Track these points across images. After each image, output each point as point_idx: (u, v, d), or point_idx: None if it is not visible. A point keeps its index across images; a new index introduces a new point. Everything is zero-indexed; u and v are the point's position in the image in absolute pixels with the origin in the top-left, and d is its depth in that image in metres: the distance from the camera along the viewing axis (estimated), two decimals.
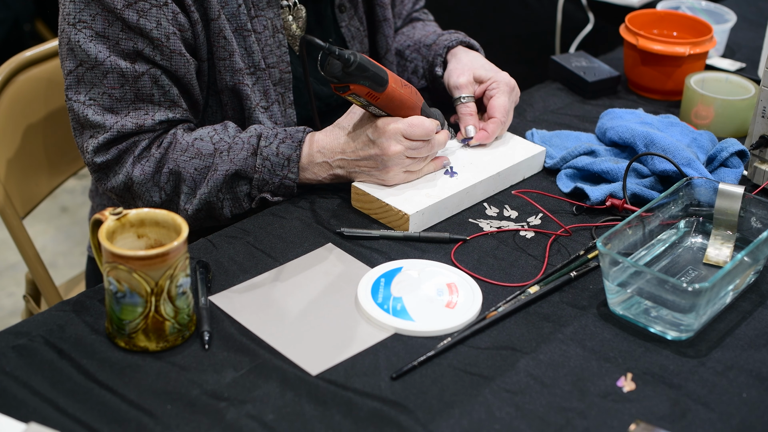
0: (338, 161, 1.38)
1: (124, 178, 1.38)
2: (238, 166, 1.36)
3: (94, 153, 1.37)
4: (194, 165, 1.37)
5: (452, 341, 1.15)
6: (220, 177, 1.37)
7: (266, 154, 1.37)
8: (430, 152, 1.39)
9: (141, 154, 1.38)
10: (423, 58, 1.64)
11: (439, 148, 1.41)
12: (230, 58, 1.40)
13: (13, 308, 2.70)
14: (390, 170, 1.36)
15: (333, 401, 1.07)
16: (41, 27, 3.58)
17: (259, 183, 1.37)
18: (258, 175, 1.37)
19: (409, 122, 1.35)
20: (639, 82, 1.78)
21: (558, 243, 1.35)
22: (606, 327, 1.19)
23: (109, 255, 1.08)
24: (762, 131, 1.47)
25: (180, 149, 1.38)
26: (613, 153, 1.53)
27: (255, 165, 1.37)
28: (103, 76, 1.34)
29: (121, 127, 1.36)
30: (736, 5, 2.17)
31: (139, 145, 1.38)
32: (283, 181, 1.38)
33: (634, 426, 1.05)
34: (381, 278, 1.24)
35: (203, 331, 1.14)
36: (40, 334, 1.14)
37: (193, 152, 1.38)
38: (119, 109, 1.36)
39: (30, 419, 1.02)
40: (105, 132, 1.36)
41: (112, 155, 1.37)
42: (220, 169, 1.37)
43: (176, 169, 1.38)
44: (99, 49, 1.33)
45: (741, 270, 1.22)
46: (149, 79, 1.35)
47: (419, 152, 1.37)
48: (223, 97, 1.44)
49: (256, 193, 1.39)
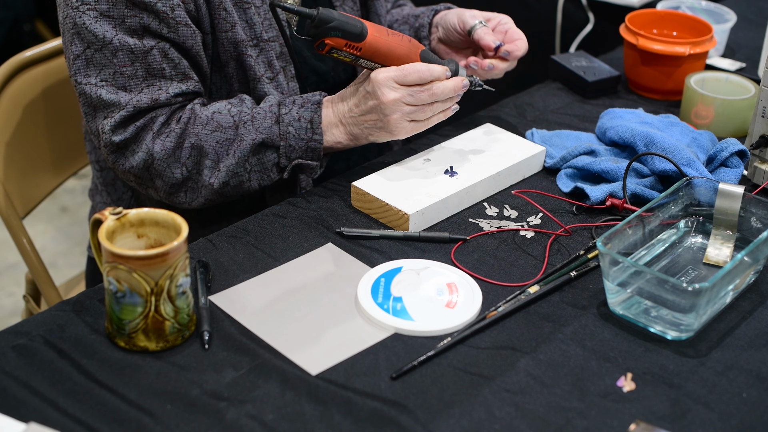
0: (348, 119, 1.40)
1: (144, 156, 1.37)
2: (264, 134, 1.37)
3: (111, 132, 1.36)
4: (216, 138, 1.38)
5: (452, 341, 1.15)
6: (247, 147, 1.37)
7: (288, 120, 1.38)
8: (433, 99, 1.37)
9: (160, 129, 1.37)
10: (410, 27, 1.67)
11: (448, 94, 1.38)
12: (232, 29, 1.41)
13: (13, 308, 2.70)
14: (391, 120, 1.36)
15: (333, 401, 1.07)
16: (41, 27, 3.58)
17: (286, 150, 1.38)
18: (284, 142, 1.38)
19: (402, 68, 1.36)
20: (639, 82, 1.78)
21: (558, 243, 1.35)
22: (606, 327, 1.19)
23: (109, 255, 1.08)
24: (762, 131, 1.47)
25: (200, 123, 1.38)
26: (613, 153, 1.53)
27: (279, 132, 1.38)
28: (113, 55, 1.34)
29: (137, 103, 1.35)
30: (736, 5, 2.17)
31: (157, 120, 1.37)
32: (309, 144, 1.39)
33: (634, 426, 1.05)
34: (381, 278, 1.24)
35: (203, 331, 1.14)
36: (40, 334, 1.14)
37: (214, 125, 1.38)
38: (132, 86, 1.36)
39: (30, 419, 1.02)
40: (121, 109, 1.35)
41: (130, 133, 1.36)
42: (246, 139, 1.37)
43: (198, 143, 1.38)
44: (105, 28, 1.33)
45: (741, 270, 1.22)
46: (159, 53, 1.36)
47: (418, 98, 1.36)
48: (228, 69, 1.44)
49: (286, 161, 1.39)
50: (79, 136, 1.79)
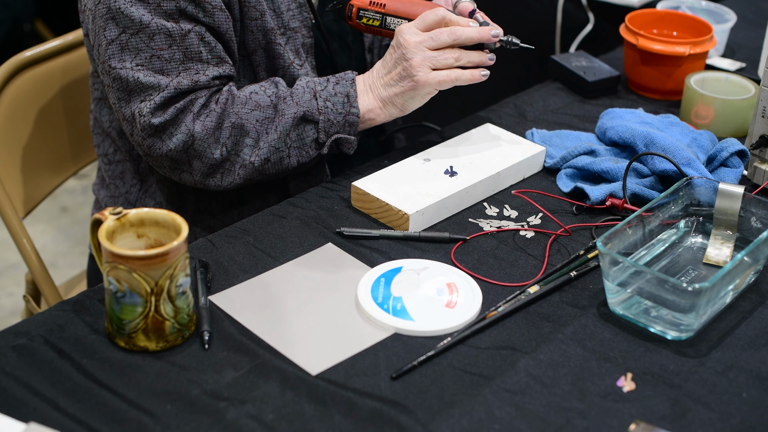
0: (377, 82, 1.42)
1: (184, 137, 1.36)
2: (305, 107, 1.39)
3: (151, 114, 1.35)
4: (255, 117, 1.39)
5: (452, 341, 1.15)
6: (289, 120, 1.38)
7: (325, 96, 1.40)
8: (453, 38, 1.37)
9: (200, 110, 1.37)
10: None
11: (467, 35, 1.38)
12: (261, 18, 1.42)
13: (13, 308, 2.70)
14: (414, 64, 1.37)
15: (333, 401, 1.07)
16: (41, 27, 3.58)
17: (325, 125, 1.40)
18: (323, 116, 1.39)
19: (422, 14, 1.39)
20: (639, 82, 1.78)
21: (558, 243, 1.35)
22: (606, 327, 1.19)
23: (108, 255, 1.08)
24: (762, 131, 1.47)
25: (240, 102, 1.39)
26: (613, 153, 1.53)
27: (318, 107, 1.39)
28: (150, 39, 1.34)
29: (178, 84, 1.35)
30: (736, 5, 2.17)
31: (197, 102, 1.37)
32: (347, 118, 1.40)
33: (634, 426, 1.05)
34: (381, 278, 1.24)
35: (203, 330, 1.14)
36: (40, 334, 1.14)
37: (253, 104, 1.39)
38: (170, 70, 1.36)
39: (30, 419, 1.02)
40: (161, 91, 1.35)
41: (170, 115, 1.36)
42: (288, 113, 1.38)
43: (239, 122, 1.38)
44: (141, 12, 1.33)
45: (741, 270, 1.22)
46: (195, 36, 1.36)
47: (439, 39, 1.37)
48: (255, 58, 1.46)
49: (324, 137, 1.40)
50: (80, 136, 1.79)
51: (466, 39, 1.38)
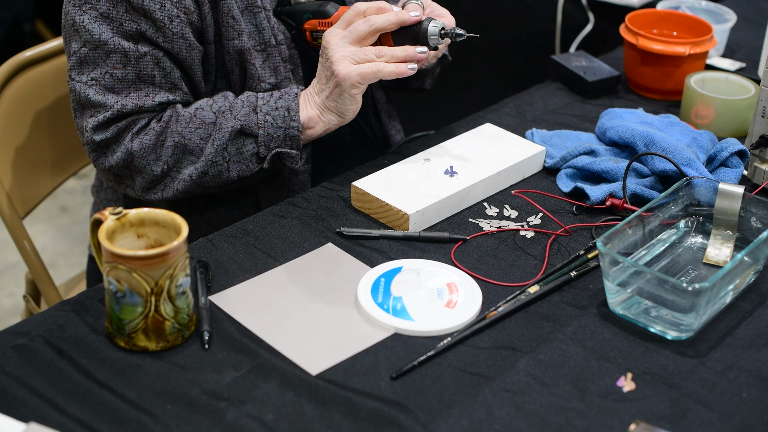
0: (314, 92, 1.40)
1: (123, 155, 1.39)
2: (242, 121, 1.38)
3: (93, 131, 1.39)
4: (200, 134, 1.39)
5: (452, 341, 1.15)
6: (226, 135, 1.38)
7: (266, 110, 1.39)
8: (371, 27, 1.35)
9: (139, 130, 1.40)
10: None
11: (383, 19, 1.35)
12: (238, 38, 1.43)
13: (13, 308, 2.70)
14: (335, 60, 1.35)
15: (333, 401, 1.07)
16: (41, 27, 3.58)
17: (265, 139, 1.39)
18: (262, 130, 1.38)
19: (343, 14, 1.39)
20: (639, 82, 1.78)
21: (558, 243, 1.35)
22: (606, 327, 1.19)
23: (108, 255, 1.08)
24: (762, 131, 1.47)
25: (183, 121, 1.39)
26: (613, 153, 1.53)
27: (257, 121, 1.39)
28: (106, 56, 1.36)
29: (122, 107, 1.38)
30: (736, 5, 2.17)
31: (138, 123, 1.40)
32: (288, 132, 1.39)
33: (634, 426, 1.05)
34: (381, 278, 1.24)
35: (203, 330, 1.14)
36: (40, 334, 1.14)
37: (197, 122, 1.39)
38: (120, 89, 1.38)
39: (30, 419, 1.02)
40: (105, 111, 1.38)
41: (111, 133, 1.39)
42: (225, 127, 1.38)
43: (181, 141, 1.39)
44: (103, 29, 1.35)
45: (741, 270, 1.22)
46: (151, 60, 1.37)
47: (357, 31, 1.35)
48: (232, 77, 1.46)
49: (265, 151, 1.40)
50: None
51: (383, 23, 1.35)
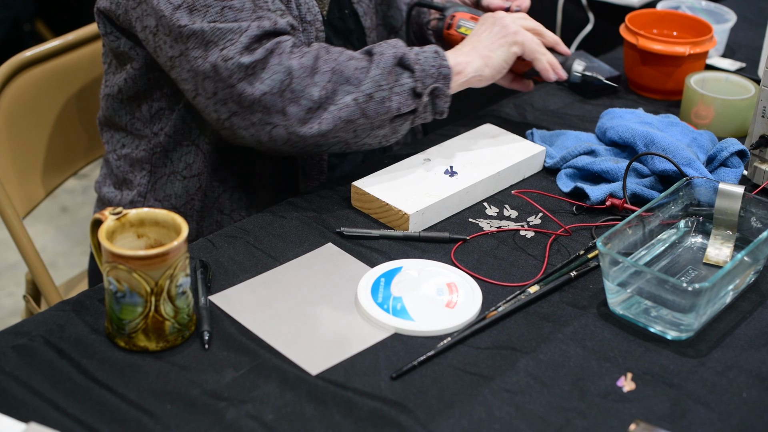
0: (461, 46, 1.48)
1: (281, 75, 1.31)
2: (402, 51, 1.38)
3: (240, 54, 1.29)
4: (354, 65, 1.36)
5: (452, 341, 1.15)
6: (390, 59, 1.37)
7: (416, 51, 1.40)
8: (535, 24, 1.56)
9: (292, 49, 1.34)
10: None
11: (540, 52, 1.53)
12: (287, 4, 1.42)
13: (13, 308, 2.70)
14: (508, 22, 1.50)
15: (333, 401, 1.07)
16: (41, 27, 3.58)
17: (421, 75, 1.38)
18: (418, 66, 1.38)
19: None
20: (639, 82, 1.78)
21: (558, 243, 1.35)
22: (606, 327, 1.19)
23: (108, 255, 1.08)
24: (762, 131, 1.47)
25: (336, 52, 1.37)
26: (613, 153, 1.53)
27: (412, 57, 1.39)
28: None
29: (259, 24, 1.32)
30: (736, 5, 2.17)
31: (286, 43, 1.34)
32: (441, 70, 1.40)
33: (634, 426, 1.05)
34: (381, 278, 1.24)
35: (203, 330, 1.14)
36: (40, 333, 1.14)
37: (348, 55, 1.37)
38: (244, 18, 1.32)
39: (30, 419, 1.02)
40: (244, 32, 1.30)
41: (260, 55, 1.30)
42: (387, 53, 1.37)
43: (339, 68, 1.34)
44: None
45: (741, 270, 1.22)
46: None
47: (527, 22, 1.55)
48: None
49: (422, 86, 1.38)
50: (80, 136, 1.79)
51: (547, 32, 1.56)
